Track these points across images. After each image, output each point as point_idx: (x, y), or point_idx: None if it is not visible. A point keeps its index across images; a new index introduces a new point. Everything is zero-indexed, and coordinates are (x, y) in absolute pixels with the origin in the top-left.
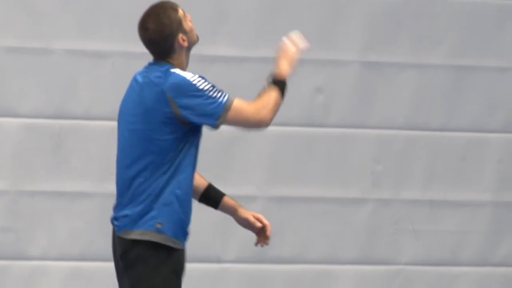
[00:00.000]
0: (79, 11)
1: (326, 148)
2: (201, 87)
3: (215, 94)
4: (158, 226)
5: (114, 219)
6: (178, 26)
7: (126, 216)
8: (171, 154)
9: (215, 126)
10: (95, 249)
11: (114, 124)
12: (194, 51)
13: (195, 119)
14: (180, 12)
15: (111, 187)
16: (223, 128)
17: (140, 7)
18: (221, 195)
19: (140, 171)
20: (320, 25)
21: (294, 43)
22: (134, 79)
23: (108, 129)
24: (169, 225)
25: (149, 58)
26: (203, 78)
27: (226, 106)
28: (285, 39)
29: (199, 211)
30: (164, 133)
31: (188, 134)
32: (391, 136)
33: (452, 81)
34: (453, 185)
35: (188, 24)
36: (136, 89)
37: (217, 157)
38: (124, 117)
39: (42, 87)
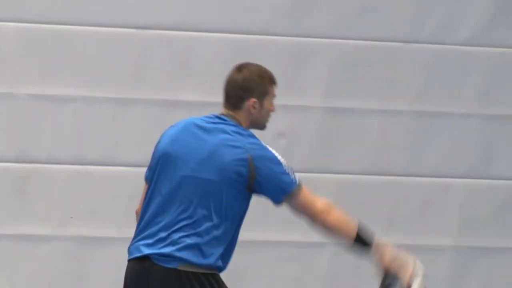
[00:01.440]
0: (42, 56)
1: None
2: (281, 161)
3: (291, 172)
4: None
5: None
6: (261, 91)
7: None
8: (228, 212)
9: (280, 201)
10: None
11: (77, 167)
12: (158, 95)
13: (265, 187)
14: (274, 88)
15: (72, 231)
16: None
17: (102, 52)
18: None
19: (192, 217)
20: (284, 70)
21: (411, 274)
22: (194, 125)
23: (70, 173)
24: None
25: (111, 103)
26: (281, 156)
27: (299, 186)
28: (418, 266)
29: None
30: (232, 188)
31: (247, 199)
32: (353, 181)
33: (415, 126)
34: (415, 229)
35: (269, 103)
36: (201, 137)
37: None
38: (182, 161)
39: (4, 131)
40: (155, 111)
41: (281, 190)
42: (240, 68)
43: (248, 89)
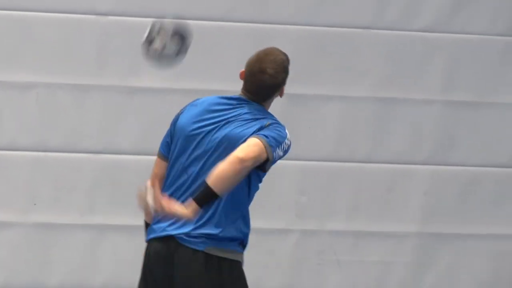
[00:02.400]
0: (3, 42)
1: None
2: (283, 140)
3: (277, 149)
4: None
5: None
6: (286, 77)
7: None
8: (251, 192)
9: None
10: (19, 279)
11: (39, 154)
12: (120, 82)
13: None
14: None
15: (35, 217)
16: None
17: (63, 38)
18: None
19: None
20: (244, 57)
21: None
22: (216, 104)
23: (32, 160)
24: None
25: (73, 89)
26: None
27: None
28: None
29: None
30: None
31: (260, 178)
32: (316, 168)
33: (377, 113)
34: (378, 216)
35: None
36: (226, 119)
37: None
38: (204, 141)
39: None
40: (117, 97)
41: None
42: (261, 68)
43: (277, 86)
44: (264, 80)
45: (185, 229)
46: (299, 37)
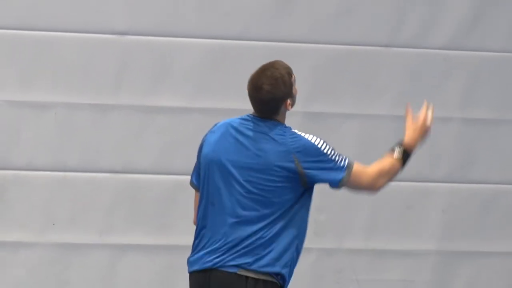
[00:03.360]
0: (22, 62)
1: None
2: (325, 151)
3: (337, 158)
4: None
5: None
6: (290, 91)
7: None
8: (288, 211)
9: (338, 188)
10: None
11: (58, 174)
12: (138, 101)
13: (318, 180)
14: (293, 77)
15: (53, 237)
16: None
17: (82, 58)
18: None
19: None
20: None
21: (429, 118)
22: (233, 128)
23: (50, 180)
24: None
25: (92, 109)
26: (324, 141)
27: (347, 171)
28: (425, 110)
29: None
30: (285, 189)
31: (303, 194)
32: None
33: (395, 130)
34: (397, 234)
35: (295, 88)
36: (245, 142)
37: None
38: (227, 168)
39: None
40: (136, 117)
41: (333, 179)
42: (257, 85)
43: (279, 99)
44: (261, 97)
45: (222, 258)
46: (317, 55)
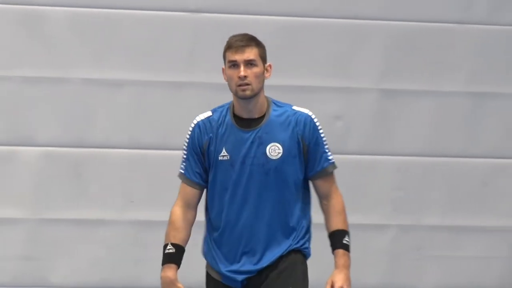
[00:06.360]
0: (95, 41)
1: (346, 175)
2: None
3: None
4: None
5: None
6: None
7: None
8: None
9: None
10: (115, 276)
11: (133, 152)
12: (211, 78)
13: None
14: (228, 54)
15: (131, 215)
16: None
17: (154, 36)
18: (334, 246)
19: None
20: (338, 53)
21: None
22: None
23: (126, 157)
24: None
25: (165, 86)
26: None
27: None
28: None
29: None
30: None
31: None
32: (410, 163)
33: (470, 107)
34: (474, 211)
35: (226, 68)
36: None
37: None
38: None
39: (60, 116)
40: (209, 93)
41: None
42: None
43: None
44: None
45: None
46: (390, 33)
